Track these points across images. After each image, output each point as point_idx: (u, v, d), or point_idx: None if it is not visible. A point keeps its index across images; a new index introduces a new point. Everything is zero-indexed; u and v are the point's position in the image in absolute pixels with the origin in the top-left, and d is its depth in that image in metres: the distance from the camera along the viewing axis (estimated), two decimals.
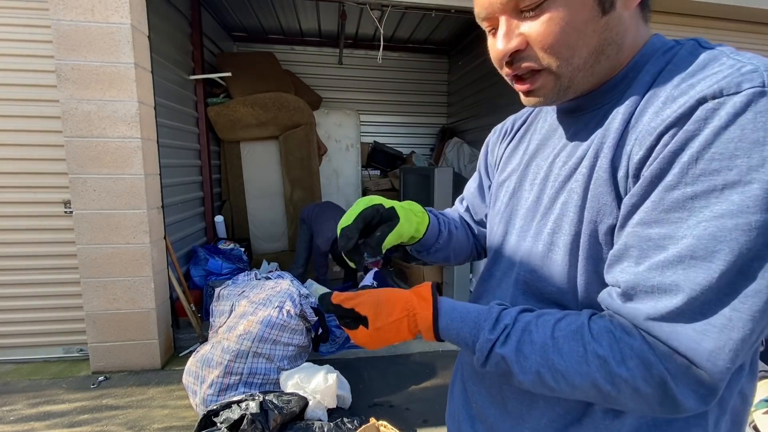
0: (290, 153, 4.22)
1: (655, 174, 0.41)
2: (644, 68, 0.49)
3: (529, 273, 0.56)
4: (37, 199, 2.47)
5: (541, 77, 0.50)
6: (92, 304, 2.42)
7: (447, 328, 0.52)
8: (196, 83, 3.82)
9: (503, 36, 0.49)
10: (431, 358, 2.70)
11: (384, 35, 3.71)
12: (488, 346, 0.49)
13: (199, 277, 3.39)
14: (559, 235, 0.51)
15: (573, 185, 0.50)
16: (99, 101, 2.27)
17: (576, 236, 0.49)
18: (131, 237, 2.40)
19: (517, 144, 0.68)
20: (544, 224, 0.54)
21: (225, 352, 2.05)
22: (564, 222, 0.51)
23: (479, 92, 4.69)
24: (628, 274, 0.42)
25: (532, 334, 0.47)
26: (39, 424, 2.01)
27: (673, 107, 0.41)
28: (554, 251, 0.52)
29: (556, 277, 0.52)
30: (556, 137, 0.58)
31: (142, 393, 2.27)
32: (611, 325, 0.44)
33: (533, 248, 0.55)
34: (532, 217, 0.57)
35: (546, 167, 0.57)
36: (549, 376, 0.45)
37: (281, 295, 2.27)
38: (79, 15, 2.20)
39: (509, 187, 0.64)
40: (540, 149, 0.61)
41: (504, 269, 0.62)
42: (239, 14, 4.57)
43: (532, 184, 0.59)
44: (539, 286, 0.55)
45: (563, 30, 0.46)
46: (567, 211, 0.51)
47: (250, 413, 1.68)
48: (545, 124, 0.63)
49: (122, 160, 2.33)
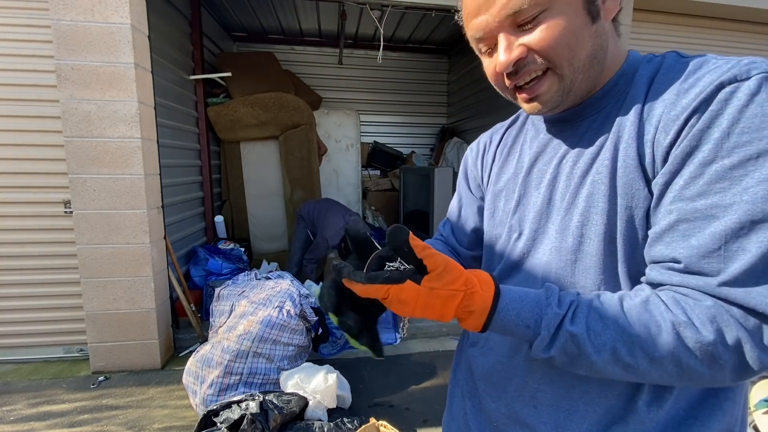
0: (290, 153, 4.22)
1: (686, 152, 0.44)
2: (636, 74, 0.54)
3: (560, 269, 0.56)
4: (37, 199, 2.47)
5: (545, 81, 0.53)
6: (92, 304, 2.42)
7: (505, 309, 0.48)
8: (196, 83, 3.82)
9: (505, 49, 0.52)
10: (431, 358, 2.70)
11: (384, 35, 3.71)
12: (556, 321, 0.47)
13: (199, 277, 3.39)
14: (590, 226, 0.52)
15: (596, 177, 0.52)
16: (99, 101, 2.27)
17: (610, 225, 0.50)
18: (131, 237, 2.40)
19: (506, 154, 0.70)
20: (569, 219, 0.54)
21: (225, 352, 2.05)
22: (593, 213, 0.52)
23: (479, 92, 4.69)
24: (685, 248, 0.43)
25: (601, 310, 0.46)
26: (39, 424, 2.01)
27: (690, 95, 0.45)
28: (586, 243, 0.53)
29: (591, 269, 0.52)
30: (555, 143, 0.61)
31: (142, 393, 2.27)
32: (680, 296, 0.44)
33: (562, 244, 0.55)
34: (546, 217, 0.58)
35: (552, 170, 0.59)
36: (625, 351, 0.44)
37: (281, 295, 2.27)
38: (79, 15, 2.20)
39: (512, 194, 0.65)
40: (539, 155, 0.62)
41: (525, 275, 0.61)
42: (239, 14, 4.57)
43: (538, 188, 0.60)
44: (574, 280, 0.54)
45: (562, 34, 0.49)
46: (595, 201, 0.52)
47: (250, 413, 1.68)
48: (536, 134, 0.65)
49: (122, 160, 2.33)
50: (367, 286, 0.44)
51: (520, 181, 0.64)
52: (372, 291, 0.44)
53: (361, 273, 0.44)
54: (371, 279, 0.43)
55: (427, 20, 4.59)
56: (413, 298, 0.44)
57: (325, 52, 5.39)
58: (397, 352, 2.78)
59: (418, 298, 0.45)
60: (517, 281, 0.62)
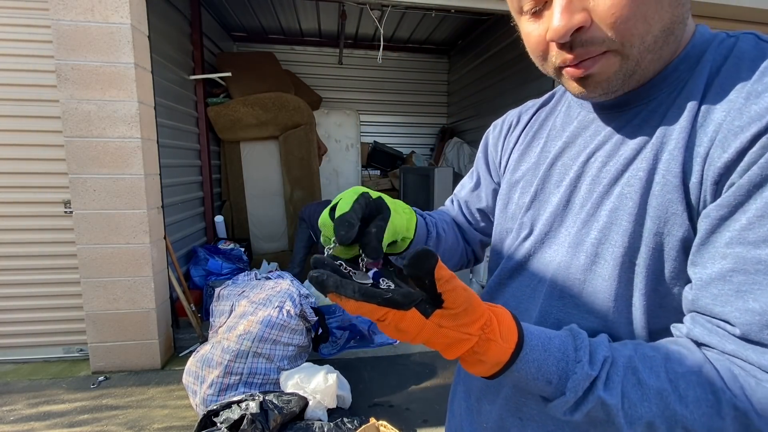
0: (290, 153, 4.22)
1: (755, 181, 0.35)
2: (702, 59, 0.42)
3: (566, 287, 0.49)
4: (37, 199, 2.47)
5: (602, 60, 0.42)
6: (92, 304, 2.42)
7: (524, 361, 0.39)
8: (196, 83, 3.82)
9: (563, 10, 0.39)
10: (431, 358, 2.70)
11: (384, 35, 3.71)
12: (586, 384, 0.38)
13: (199, 277, 3.39)
14: (607, 246, 0.44)
15: (625, 190, 0.44)
16: (99, 101, 2.27)
17: (631, 249, 0.43)
18: (131, 237, 2.40)
19: (530, 140, 0.61)
20: (585, 233, 0.47)
21: (225, 352, 2.05)
22: (613, 232, 0.44)
23: (479, 92, 4.69)
24: (742, 311, 0.35)
25: (640, 373, 0.38)
26: (39, 424, 2.01)
27: (762, 104, 0.36)
28: (600, 264, 0.45)
29: (601, 293, 0.45)
30: (587, 134, 0.51)
31: (142, 393, 2.27)
32: (738, 370, 0.36)
33: (573, 260, 0.48)
34: (560, 221, 0.51)
35: (577, 168, 0.50)
36: (665, 428, 0.37)
37: (281, 295, 2.27)
38: (79, 15, 2.20)
39: (528, 188, 0.57)
40: (567, 147, 0.53)
41: (528, 280, 0.55)
42: (239, 14, 4.57)
43: (558, 185, 0.52)
44: (579, 302, 0.48)
45: (639, 1, 0.38)
46: (618, 219, 0.44)
47: (250, 413, 1.68)
48: (570, 119, 0.55)
49: (122, 160, 2.33)
50: (360, 304, 0.35)
51: (541, 173, 0.55)
52: (366, 311, 0.35)
53: (352, 284, 0.35)
54: (367, 296, 0.34)
55: (427, 20, 4.60)
56: (414, 330, 0.36)
57: (325, 52, 5.39)
58: (396, 352, 2.78)
59: (421, 331, 0.36)
60: (517, 284, 0.56)
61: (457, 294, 0.37)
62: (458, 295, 0.37)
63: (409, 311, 0.35)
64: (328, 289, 0.35)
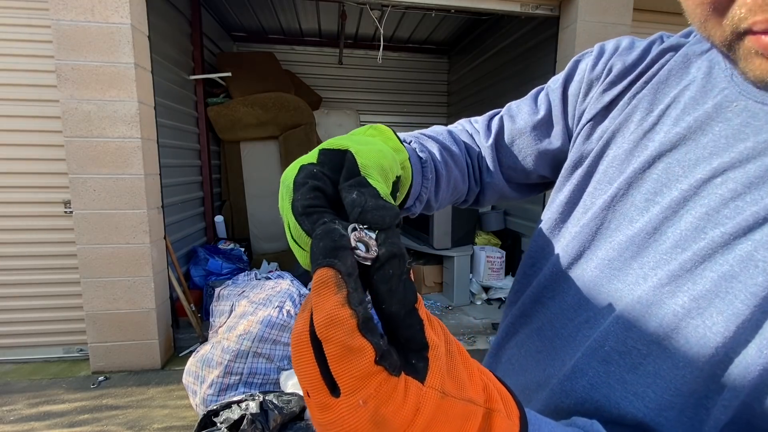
0: (290, 153, 4.22)
1: None
2: None
3: (638, 336, 0.33)
4: (37, 199, 2.47)
5: None
6: (92, 304, 2.42)
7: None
8: (196, 83, 3.82)
9: None
10: None
11: (384, 35, 3.71)
12: None
13: (199, 277, 3.39)
14: (726, 300, 0.29)
15: (761, 255, 0.28)
16: (99, 101, 2.27)
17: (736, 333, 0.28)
18: (131, 237, 2.40)
19: (632, 109, 0.41)
20: (690, 281, 0.31)
21: (225, 352, 2.05)
22: (737, 286, 0.28)
23: (479, 92, 4.69)
24: None
25: None
26: (39, 424, 2.01)
27: None
28: (706, 317, 0.30)
29: (696, 354, 0.29)
30: (725, 132, 0.33)
31: (142, 393, 2.27)
32: None
33: (661, 305, 0.32)
34: (634, 256, 0.35)
35: (688, 185, 0.33)
36: None
37: (281, 295, 2.27)
38: (79, 15, 2.20)
39: (605, 186, 0.40)
40: (683, 142, 0.35)
41: (573, 309, 0.40)
42: (239, 14, 4.57)
43: (649, 202, 0.36)
44: (627, 377, 0.33)
45: None
46: (753, 274, 0.28)
47: (250, 413, 1.68)
48: (705, 95, 0.36)
49: (122, 160, 2.33)
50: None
51: (629, 172, 0.38)
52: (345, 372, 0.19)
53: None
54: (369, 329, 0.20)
55: (427, 20, 4.60)
56: (408, 415, 0.20)
57: (325, 52, 5.39)
58: None
59: (416, 414, 0.20)
60: (558, 308, 0.41)
61: (436, 328, 0.23)
62: (437, 329, 0.23)
63: (400, 378, 0.20)
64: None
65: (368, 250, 0.22)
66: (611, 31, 2.77)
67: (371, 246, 0.23)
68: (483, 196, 0.59)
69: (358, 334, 0.19)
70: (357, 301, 0.20)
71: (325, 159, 0.28)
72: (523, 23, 3.59)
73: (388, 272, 0.21)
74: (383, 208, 0.24)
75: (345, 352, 0.19)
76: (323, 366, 0.20)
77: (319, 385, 0.19)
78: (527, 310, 0.45)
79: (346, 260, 0.21)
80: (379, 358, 0.19)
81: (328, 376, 0.19)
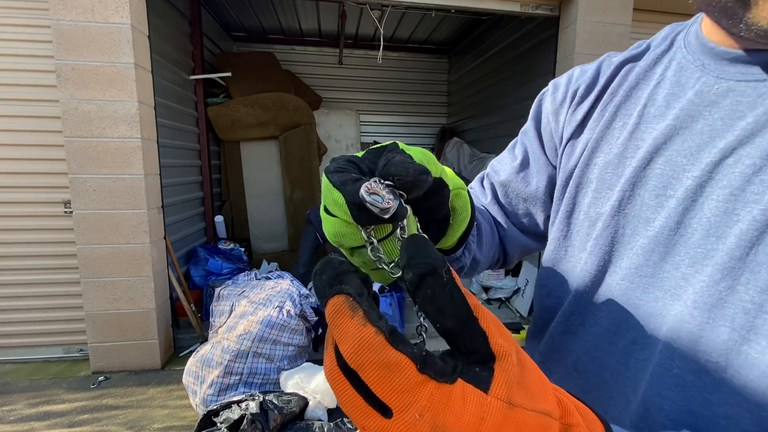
0: (290, 153, 4.22)
1: None
2: None
3: (708, 348, 0.29)
4: (37, 199, 2.47)
5: None
6: (92, 304, 2.42)
7: None
8: (196, 83, 3.82)
9: None
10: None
11: (384, 35, 3.71)
12: None
13: (199, 277, 3.39)
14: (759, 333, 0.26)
15: None
16: (99, 101, 2.27)
17: None
18: (131, 237, 2.40)
19: (611, 117, 0.41)
20: (748, 270, 0.28)
21: (225, 352, 2.05)
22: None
23: (479, 92, 4.69)
24: None
25: None
26: (39, 424, 2.01)
27: None
28: (756, 342, 0.27)
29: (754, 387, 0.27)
30: (718, 114, 0.32)
31: (142, 393, 2.27)
32: None
33: (724, 305, 0.29)
34: (665, 252, 0.33)
35: (699, 170, 0.32)
36: None
37: (281, 295, 2.27)
38: (79, 15, 2.20)
39: (607, 193, 0.38)
40: (677, 134, 0.34)
41: (612, 333, 0.36)
42: (239, 14, 4.57)
43: (661, 197, 0.34)
44: (741, 371, 0.28)
45: None
46: None
47: (250, 413, 1.68)
48: (682, 88, 0.36)
49: (122, 160, 2.33)
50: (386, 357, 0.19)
51: (629, 174, 0.36)
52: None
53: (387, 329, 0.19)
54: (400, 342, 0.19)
55: (427, 20, 4.60)
56: (470, 427, 0.18)
57: (325, 52, 5.39)
58: None
59: (481, 424, 0.18)
60: (594, 336, 0.37)
61: (506, 336, 0.21)
62: (506, 335, 0.21)
63: (455, 384, 0.19)
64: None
65: (383, 200, 0.22)
66: (611, 31, 2.77)
67: (384, 196, 0.23)
68: (507, 254, 0.56)
69: (390, 348, 0.18)
70: (376, 316, 0.19)
71: (368, 152, 0.28)
72: (523, 23, 3.59)
73: (428, 293, 0.20)
74: (408, 162, 0.24)
75: (383, 371, 0.18)
76: (366, 392, 0.19)
77: (368, 412, 0.19)
78: (557, 344, 0.41)
79: (353, 282, 0.20)
80: (420, 366, 0.18)
81: (375, 400, 0.19)
